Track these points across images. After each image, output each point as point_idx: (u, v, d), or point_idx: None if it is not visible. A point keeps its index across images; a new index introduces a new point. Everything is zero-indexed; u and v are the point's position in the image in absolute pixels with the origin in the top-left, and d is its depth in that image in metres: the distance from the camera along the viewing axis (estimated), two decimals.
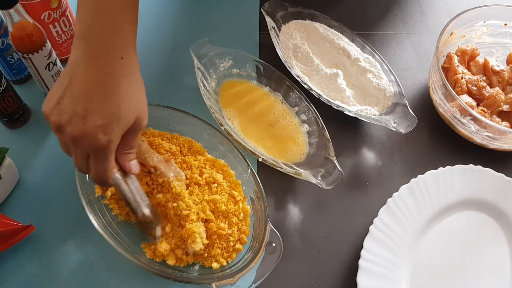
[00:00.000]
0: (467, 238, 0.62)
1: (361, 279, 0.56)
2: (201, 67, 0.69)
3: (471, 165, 0.65)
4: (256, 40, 0.81)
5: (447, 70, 0.75)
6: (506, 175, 0.64)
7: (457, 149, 0.71)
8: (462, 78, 0.72)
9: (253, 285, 0.54)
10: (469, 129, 0.67)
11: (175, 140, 0.65)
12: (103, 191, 0.59)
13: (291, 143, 0.68)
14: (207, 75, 0.70)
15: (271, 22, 0.75)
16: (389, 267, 0.57)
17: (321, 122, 0.68)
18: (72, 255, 0.58)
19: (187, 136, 0.66)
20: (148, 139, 0.63)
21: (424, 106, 0.76)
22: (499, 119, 0.70)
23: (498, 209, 0.63)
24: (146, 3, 0.86)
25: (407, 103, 0.70)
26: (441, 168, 0.64)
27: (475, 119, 0.65)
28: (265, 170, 0.66)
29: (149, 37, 0.81)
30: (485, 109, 0.70)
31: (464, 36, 0.78)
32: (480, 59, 0.76)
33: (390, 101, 0.72)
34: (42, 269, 0.57)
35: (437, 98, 0.70)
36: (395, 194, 0.62)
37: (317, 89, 0.70)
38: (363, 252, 0.57)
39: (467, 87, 0.72)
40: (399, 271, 0.57)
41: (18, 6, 0.57)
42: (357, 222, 0.64)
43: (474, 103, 0.71)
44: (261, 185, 0.60)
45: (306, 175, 0.61)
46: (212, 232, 0.57)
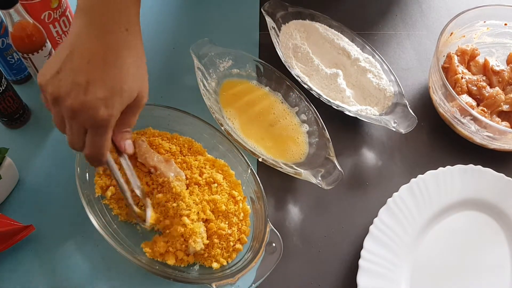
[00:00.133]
0: (467, 238, 0.62)
1: (361, 279, 0.56)
2: (201, 67, 0.69)
3: (471, 165, 0.65)
4: (256, 40, 0.81)
5: (447, 70, 0.75)
6: (506, 175, 0.64)
7: (457, 149, 0.71)
8: (462, 78, 0.72)
9: (253, 285, 0.54)
10: (469, 129, 0.67)
11: (175, 140, 0.65)
12: (103, 191, 0.59)
13: (291, 143, 0.68)
14: (207, 75, 0.70)
15: (271, 22, 0.75)
16: (389, 267, 0.57)
17: (321, 122, 0.68)
18: (72, 255, 0.58)
19: (187, 136, 0.66)
20: (148, 139, 0.63)
21: (424, 106, 0.76)
22: (499, 119, 0.70)
23: (498, 209, 0.63)
24: (146, 3, 0.86)
25: (407, 103, 0.70)
26: (441, 168, 0.64)
27: (475, 119, 0.65)
28: (265, 170, 0.66)
29: (149, 37, 0.81)
30: (485, 109, 0.70)
31: (464, 36, 0.78)
32: (480, 59, 0.76)
33: (390, 101, 0.72)
34: (42, 269, 0.57)
35: (437, 98, 0.70)
36: (395, 194, 0.62)
37: (317, 89, 0.70)
38: (363, 252, 0.57)
39: (467, 87, 0.72)
40: (399, 271, 0.57)
41: (18, 6, 0.57)
42: (357, 222, 0.64)
43: (474, 103, 0.71)
44: (261, 185, 0.60)
45: (306, 175, 0.61)
46: (212, 232, 0.57)
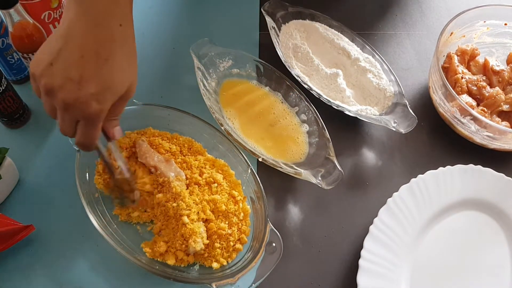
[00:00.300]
0: (467, 238, 0.62)
1: (361, 279, 0.56)
2: (201, 67, 0.69)
3: (471, 165, 0.65)
4: (256, 40, 0.81)
5: (447, 70, 0.75)
6: (506, 175, 0.64)
7: (457, 149, 0.71)
8: (462, 78, 0.72)
9: (253, 285, 0.54)
10: (469, 129, 0.67)
11: (175, 140, 0.65)
12: (105, 189, 0.60)
13: (291, 143, 0.68)
14: (207, 75, 0.70)
15: (271, 22, 0.75)
16: (389, 267, 0.57)
17: (321, 122, 0.68)
18: (72, 255, 0.58)
19: (187, 136, 0.66)
20: (148, 139, 0.63)
21: (424, 106, 0.76)
22: (499, 119, 0.70)
23: (498, 209, 0.63)
24: (146, 3, 0.86)
25: (407, 103, 0.70)
26: (441, 168, 0.64)
27: (475, 119, 0.65)
28: (265, 170, 0.66)
29: (149, 37, 0.81)
30: (485, 109, 0.70)
31: (464, 36, 0.78)
32: (480, 59, 0.76)
33: (390, 101, 0.72)
34: (42, 269, 0.57)
35: (437, 98, 0.70)
36: (395, 194, 0.62)
37: (317, 89, 0.70)
38: (363, 252, 0.57)
39: (467, 87, 0.72)
40: (399, 271, 0.57)
41: (18, 6, 0.57)
42: (357, 222, 0.64)
43: (474, 103, 0.71)
44: (261, 185, 0.60)
45: (306, 175, 0.61)
46: (212, 232, 0.57)
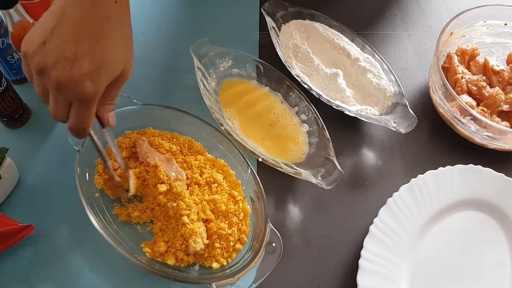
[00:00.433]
0: (467, 238, 0.62)
1: (361, 279, 0.56)
2: (201, 67, 0.69)
3: (471, 165, 0.65)
4: (256, 40, 0.81)
5: (447, 70, 0.75)
6: (506, 175, 0.64)
7: (457, 149, 0.71)
8: (462, 78, 0.72)
9: (253, 285, 0.54)
10: (469, 129, 0.67)
11: (175, 140, 0.65)
12: (99, 184, 0.60)
13: (291, 143, 0.68)
14: (207, 75, 0.70)
15: (271, 22, 0.75)
16: (389, 267, 0.57)
17: (321, 122, 0.68)
18: (72, 255, 0.58)
19: (187, 136, 0.66)
20: (148, 139, 0.63)
21: (424, 106, 0.76)
22: (499, 119, 0.70)
23: (498, 209, 0.63)
24: (146, 3, 0.86)
25: (407, 103, 0.70)
26: (441, 168, 0.64)
27: (475, 119, 0.65)
28: (265, 170, 0.66)
29: (149, 37, 0.81)
30: (485, 109, 0.70)
31: (464, 36, 0.78)
32: (480, 59, 0.76)
33: (390, 101, 0.72)
34: (42, 269, 0.57)
35: (437, 98, 0.70)
36: (395, 194, 0.62)
37: (317, 89, 0.70)
38: (363, 252, 0.57)
39: (467, 87, 0.72)
40: (399, 271, 0.57)
41: (18, 6, 0.57)
42: (357, 222, 0.64)
43: (474, 103, 0.71)
44: (261, 185, 0.60)
45: (306, 175, 0.61)
46: (212, 232, 0.57)
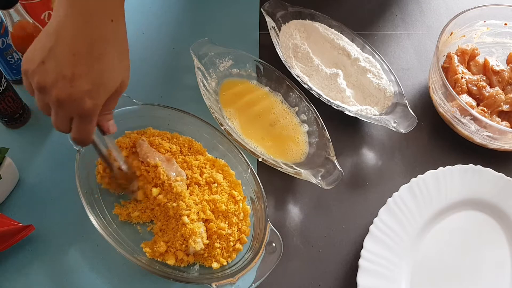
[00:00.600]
0: (467, 238, 0.62)
1: (361, 279, 0.56)
2: (201, 67, 0.69)
3: (471, 165, 0.65)
4: (256, 40, 0.81)
5: (447, 70, 0.75)
6: (506, 175, 0.64)
7: (457, 149, 0.71)
8: (462, 78, 0.72)
9: (253, 285, 0.54)
10: (469, 129, 0.67)
11: (175, 140, 0.65)
12: (104, 182, 0.60)
13: (291, 143, 0.68)
14: (207, 75, 0.70)
15: (271, 22, 0.75)
16: (389, 267, 0.57)
17: (321, 122, 0.68)
18: (72, 255, 0.58)
19: (187, 136, 0.66)
20: (148, 139, 0.63)
21: (424, 106, 0.76)
22: (499, 119, 0.70)
23: (498, 209, 0.63)
24: (146, 3, 0.86)
25: (407, 103, 0.70)
26: (441, 168, 0.64)
27: (475, 119, 0.65)
28: (265, 170, 0.66)
29: (149, 37, 0.81)
30: (485, 109, 0.70)
31: (464, 36, 0.78)
32: (480, 59, 0.76)
33: (390, 101, 0.72)
34: (42, 269, 0.57)
35: (437, 98, 0.70)
36: (395, 194, 0.62)
37: (317, 89, 0.70)
38: (363, 252, 0.57)
39: (467, 87, 0.72)
40: (399, 271, 0.57)
41: (18, 6, 0.57)
42: (357, 222, 0.64)
43: (474, 103, 0.71)
44: (261, 185, 0.60)
45: (306, 175, 0.61)
46: (212, 232, 0.57)
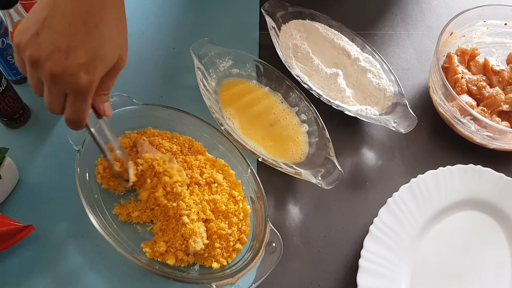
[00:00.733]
0: (467, 238, 0.62)
1: (361, 279, 0.56)
2: (201, 67, 0.69)
3: (471, 165, 0.65)
4: (256, 40, 0.81)
5: (447, 70, 0.75)
6: (506, 175, 0.64)
7: (457, 149, 0.71)
8: (462, 78, 0.72)
9: (253, 285, 0.54)
10: (469, 129, 0.67)
11: (176, 139, 0.65)
12: (104, 182, 0.60)
13: (291, 143, 0.68)
14: (207, 75, 0.70)
15: (271, 22, 0.75)
16: (389, 267, 0.57)
17: (321, 122, 0.68)
18: (72, 255, 0.58)
19: (187, 136, 0.66)
20: (148, 139, 0.63)
21: (424, 106, 0.76)
22: (499, 119, 0.70)
23: (498, 209, 0.63)
24: (146, 3, 0.86)
25: (407, 103, 0.70)
26: (441, 168, 0.64)
27: (475, 119, 0.65)
28: (265, 170, 0.66)
29: (149, 37, 0.81)
30: (485, 109, 0.70)
31: (464, 36, 0.78)
32: (480, 59, 0.76)
33: (390, 101, 0.72)
34: (42, 269, 0.57)
35: (437, 98, 0.70)
36: (395, 194, 0.62)
37: (317, 89, 0.70)
38: (363, 252, 0.57)
39: (467, 87, 0.72)
40: (399, 271, 0.57)
41: (18, 6, 0.57)
42: (357, 222, 0.64)
43: (474, 103, 0.71)
44: (261, 185, 0.60)
45: (306, 175, 0.61)
46: (212, 232, 0.57)
